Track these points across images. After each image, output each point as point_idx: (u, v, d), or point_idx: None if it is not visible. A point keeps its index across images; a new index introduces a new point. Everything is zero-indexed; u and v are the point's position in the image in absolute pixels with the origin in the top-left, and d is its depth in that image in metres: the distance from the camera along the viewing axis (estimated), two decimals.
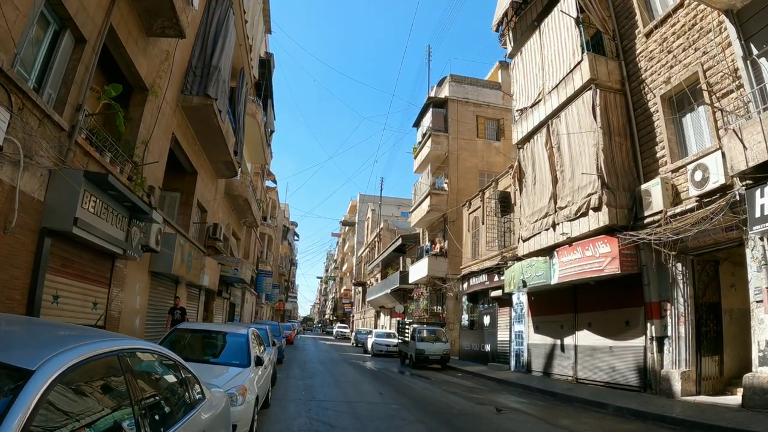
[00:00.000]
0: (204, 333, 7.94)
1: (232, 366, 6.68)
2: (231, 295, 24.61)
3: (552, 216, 15.20)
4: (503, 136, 31.65)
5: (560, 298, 16.26)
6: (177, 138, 14.55)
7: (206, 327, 8.23)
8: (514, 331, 19.12)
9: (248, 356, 7.01)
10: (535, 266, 16.08)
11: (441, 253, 27.65)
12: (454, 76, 32.73)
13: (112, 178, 8.52)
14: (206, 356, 7.33)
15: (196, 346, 7.66)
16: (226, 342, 7.73)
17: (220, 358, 7.24)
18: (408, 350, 22.30)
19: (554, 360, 16.49)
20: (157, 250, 12.05)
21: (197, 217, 18.29)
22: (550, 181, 15.54)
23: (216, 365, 6.71)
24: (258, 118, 24.58)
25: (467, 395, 13.09)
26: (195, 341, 7.73)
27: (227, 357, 7.22)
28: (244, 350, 7.16)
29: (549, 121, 15.99)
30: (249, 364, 6.83)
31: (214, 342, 7.78)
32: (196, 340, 7.76)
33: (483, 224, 22.74)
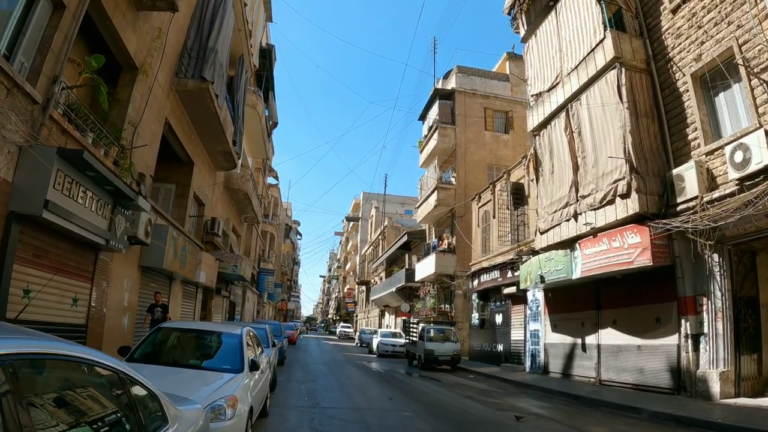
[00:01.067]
0: (191, 333, 6.88)
1: (222, 371, 5.67)
2: (231, 293, 23.61)
3: (573, 205, 14.14)
4: (512, 128, 30.65)
5: (581, 294, 15.20)
6: (171, 124, 13.59)
7: (194, 326, 7.16)
8: (529, 329, 18.06)
9: (241, 360, 6.00)
10: (555, 260, 15.02)
11: (449, 249, 26.59)
12: (461, 68, 31.70)
13: (89, 156, 7.51)
14: (193, 360, 6.31)
15: (182, 348, 6.64)
16: (216, 344, 6.70)
17: (209, 362, 6.23)
18: (416, 351, 21.24)
19: (574, 360, 15.44)
20: (147, 242, 11.06)
21: (194, 210, 17.31)
22: (571, 168, 14.48)
23: (204, 371, 5.71)
24: (258, 110, 23.60)
25: (484, 400, 12.06)
26: (180, 343, 6.70)
27: (217, 361, 6.21)
28: (237, 353, 6.14)
29: (568, 104, 14.94)
30: (242, 369, 5.81)
31: (203, 344, 6.75)
32: (182, 341, 6.73)
33: (494, 218, 21.68)
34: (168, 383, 5.38)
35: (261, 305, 40.11)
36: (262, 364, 7.05)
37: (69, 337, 9.11)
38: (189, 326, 7.11)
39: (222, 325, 7.59)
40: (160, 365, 5.77)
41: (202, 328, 7.06)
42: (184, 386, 5.21)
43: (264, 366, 7.32)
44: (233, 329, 6.80)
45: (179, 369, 5.65)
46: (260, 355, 7.55)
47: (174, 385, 5.28)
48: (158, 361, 5.93)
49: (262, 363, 7.14)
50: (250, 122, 23.80)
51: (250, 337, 7.26)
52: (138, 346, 6.21)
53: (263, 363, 7.26)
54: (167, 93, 13.03)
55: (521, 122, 30.79)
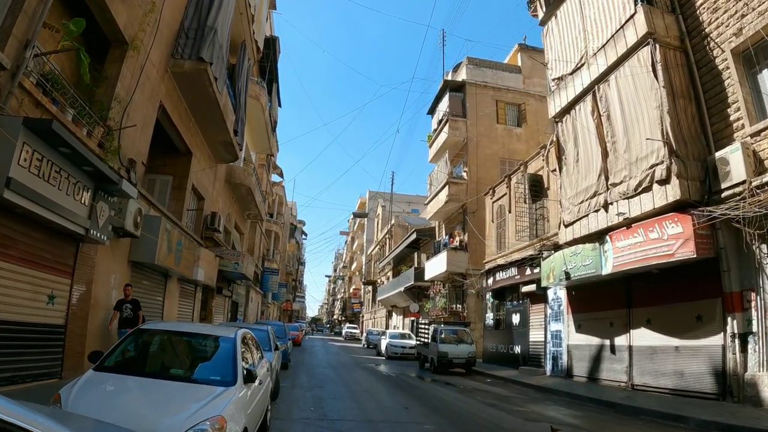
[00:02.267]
0: (175, 337, 5.71)
1: (210, 384, 4.58)
2: (233, 292, 22.55)
3: (603, 195, 13.00)
4: (525, 121, 29.52)
5: (609, 291, 14.04)
6: (166, 109, 12.60)
7: (179, 328, 5.99)
8: (550, 330, 16.90)
9: (234, 370, 4.89)
10: (582, 254, 13.86)
11: (461, 246, 25.43)
12: (472, 59, 30.57)
13: (60, 128, 6.45)
14: (175, 370, 5.18)
15: (163, 355, 5.53)
16: (205, 350, 5.57)
17: (195, 372, 5.12)
18: (428, 353, 20.09)
19: (602, 363, 14.28)
20: (137, 234, 10.00)
21: (193, 204, 16.28)
22: (599, 154, 13.34)
23: (187, 384, 4.60)
24: (262, 101, 22.57)
25: (508, 408, 10.93)
26: (162, 349, 5.59)
27: (205, 371, 5.12)
28: (229, 361, 5.02)
29: (595, 86, 13.82)
30: (235, 381, 4.70)
31: (189, 350, 5.60)
32: (164, 346, 5.61)
33: (510, 213, 20.52)
34: (140, 400, 4.25)
35: (265, 305, 39.02)
36: (261, 373, 5.94)
37: (44, 339, 8.08)
38: (173, 328, 5.95)
39: (213, 327, 6.44)
40: (135, 376, 4.70)
41: (188, 330, 5.89)
42: (159, 404, 4.13)
43: (263, 375, 6.22)
44: (226, 332, 5.67)
45: (157, 381, 4.58)
46: (259, 362, 6.44)
47: (147, 402, 4.19)
48: (133, 371, 4.86)
49: (261, 371, 6.03)
50: (253, 114, 22.80)
51: (247, 341, 6.14)
52: (109, 353, 5.13)
53: (262, 371, 6.15)
54: (162, 75, 12.04)
55: (534, 115, 29.79)
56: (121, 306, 9.73)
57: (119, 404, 4.01)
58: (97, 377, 4.61)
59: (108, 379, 4.59)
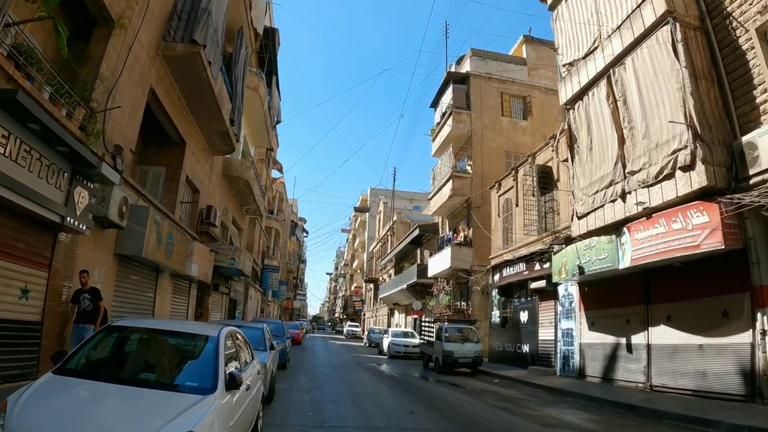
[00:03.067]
0: (149, 336, 4.95)
1: (185, 392, 3.85)
2: (231, 290, 21.83)
3: (620, 183, 12.26)
4: (531, 114, 28.76)
5: (626, 286, 13.30)
6: (157, 95, 11.90)
7: (154, 325, 5.22)
8: (560, 328, 16.16)
9: (214, 374, 4.15)
10: (597, 248, 13.11)
11: (465, 242, 24.68)
12: (476, 51, 29.80)
13: (25, 98, 5.72)
14: (146, 374, 4.42)
15: (134, 357, 4.78)
16: (182, 351, 4.81)
17: (169, 378, 4.37)
18: (433, 352, 19.35)
19: (617, 363, 13.54)
20: (122, 225, 9.29)
21: (187, 196, 15.56)
22: (615, 141, 12.60)
23: (158, 391, 3.86)
24: (261, 93, 21.83)
25: (521, 411, 10.20)
26: (134, 349, 4.83)
27: (180, 376, 4.40)
28: (210, 365, 4.28)
29: (610, 70, 13.07)
30: (214, 387, 3.95)
31: (164, 351, 4.83)
32: (136, 347, 4.85)
33: (517, 206, 19.77)
34: (99, 412, 3.44)
35: (265, 303, 38.29)
36: (250, 377, 5.21)
37: (17, 336, 7.36)
38: (148, 326, 5.18)
39: (195, 325, 5.67)
40: (99, 381, 3.98)
41: (165, 328, 5.10)
42: (120, 417, 3.42)
43: (253, 379, 5.48)
44: (208, 330, 4.91)
45: (124, 389, 3.84)
46: (249, 364, 5.68)
47: (106, 415, 3.45)
48: (97, 376, 4.13)
49: (250, 375, 5.28)
50: (251, 106, 22.08)
51: (235, 341, 5.40)
52: (72, 354, 4.41)
53: (251, 375, 5.40)
54: (153, 58, 11.35)
55: (540, 108, 29.07)
56: (78, 296, 8.23)
57: (71, 417, 3.30)
58: (54, 382, 3.90)
59: (66, 384, 3.88)
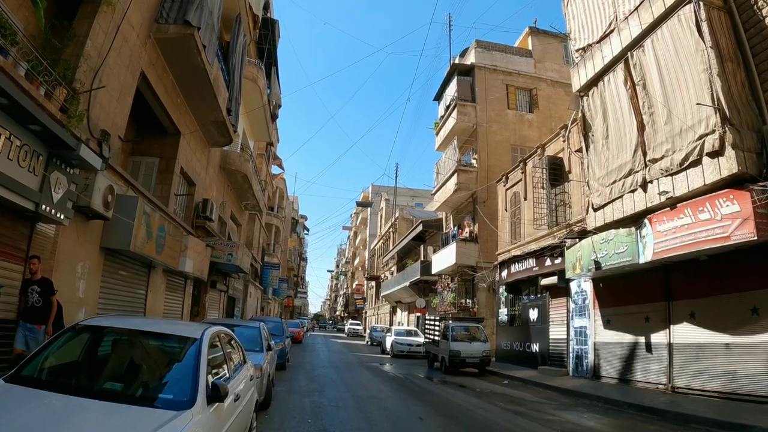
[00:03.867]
0: (121, 337, 4.19)
1: (156, 407, 3.14)
2: (229, 287, 21.12)
3: (640, 172, 11.53)
4: (537, 107, 28.04)
5: (645, 282, 12.58)
6: (149, 80, 11.18)
7: (127, 325, 4.43)
8: (573, 326, 15.44)
9: (193, 385, 3.40)
10: (615, 241, 12.37)
11: (471, 237, 23.94)
12: (481, 42, 29.05)
13: None
14: (111, 384, 3.65)
15: (100, 363, 4.04)
16: (158, 356, 4.09)
17: (139, 389, 3.61)
18: (439, 351, 18.62)
19: (636, 363, 12.82)
20: (107, 215, 8.57)
21: (182, 189, 14.85)
22: (635, 127, 11.87)
23: (123, 406, 3.12)
24: (260, 84, 21.08)
25: (538, 416, 9.49)
26: (101, 353, 4.08)
27: (153, 387, 3.65)
28: (188, 373, 3.54)
29: (628, 53, 12.33)
30: (192, 400, 3.23)
31: (137, 356, 4.08)
32: (105, 350, 4.09)
33: (525, 200, 19.03)
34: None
35: (265, 301, 37.57)
36: (239, 386, 4.48)
37: None
38: (121, 325, 4.45)
39: (175, 325, 4.86)
40: (53, 392, 3.27)
41: (140, 328, 4.34)
42: None
43: (244, 387, 4.75)
44: (190, 331, 4.14)
45: (83, 402, 3.13)
46: (239, 369, 4.94)
47: None
48: (53, 385, 3.43)
49: (239, 384, 4.54)
50: (250, 98, 21.36)
51: (224, 343, 4.65)
52: (30, 358, 3.70)
53: (241, 383, 4.65)
54: (144, 41, 10.64)
55: (546, 101, 28.36)
56: (26, 288, 6.61)
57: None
58: (2, 393, 3.20)
59: (14, 396, 3.18)
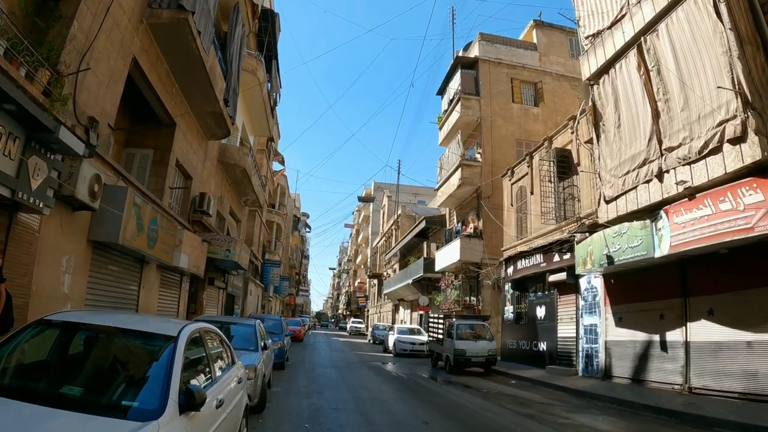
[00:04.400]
0: (88, 335, 3.61)
1: (119, 416, 2.64)
2: (228, 284, 20.62)
3: (656, 162, 11.00)
4: (542, 100, 27.51)
5: (659, 277, 12.06)
6: (142, 68, 10.69)
7: (96, 320, 3.86)
8: (582, 324, 14.91)
9: (163, 391, 2.89)
10: (628, 234, 11.84)
11: (475, 233, 23.41)
12: (485, 35, 28.53)
13: None
14: (67, 389, 3.09)
15: (61, 364, 3.50)
16: (127, 357, 3.53)
17: (101, 395, 3.05)
18: (443, 350, 18.11)
19: (650, 362, 12.30)
20: (93, 206, 8.07)
21: (178, 181, 14.37)
22: (649, 115, 11.34)
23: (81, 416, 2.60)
24: (259, 76, 20.58)
25: (551, 419, 8.98)
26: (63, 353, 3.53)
27: (118, 393, 3.11)
28: (159, 377, 3.02)
29: (641, 38, 11.80)
30: (161, 409, 2.72)
31: (103, 356, 3.54)
32: (68, 350, 3.55)
33: (532, 194, 18.51)
34: None
35: (266, 299, 37.07)
36: (224, 390, 3.97)
37: None
38: (89, 320, 3.88)
39: (151, 321, 4.22)
40: (5, 398, 2.77)
41: (111, 324, 3.75)
42: None
43: (230, 392, 4.21)
44: (166, 328, 3.63)
45: (37, 410, 2.63)
46: (225, 371, 4.42)
47: None
48: (7, 390, 2.92)
49: (224, 388, 4.01)
50: (250, 91, 20.89)
51: (207, 343, 4.12)
52: None
53: (227, 387, 4.12)
54: (136, 26, 10.13)
55: (552, 95, 27.85)
56: None
57: None
58: None
59: None
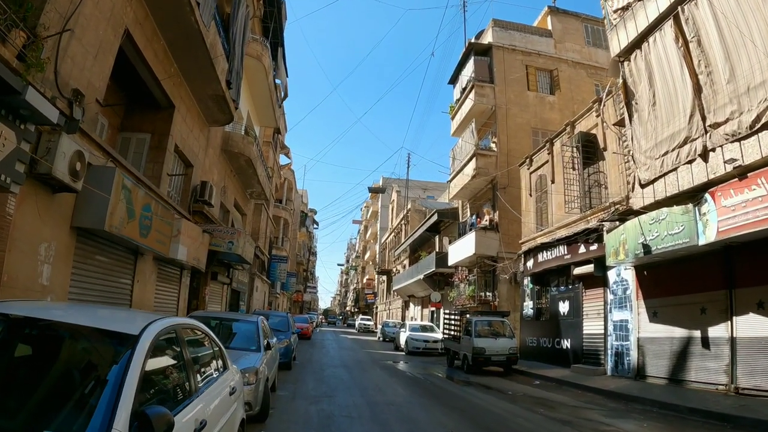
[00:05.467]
0: (26, 332, 2.68)
1: None
2: (233, 280, 19.74)
3: (699, 139, 9.96)
4: (558, 88, 26.44)
5: (699, 267, 11.01)
6: (136, 42, 9.74)
7: (32, 313, 2.90)
8: (611, 320, 13.89)
9: (104, 419, 1.96)
10: (667, 220, 10.79)
11: (491, 226, 22.38)
12: (498, 21, 27.46)
13: None
14: None
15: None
16: (65, 366, 2.55)
17: (25, 425, 2.11)
18: (460, 348, 17.13)
19: (689, 360, 11.27)
20: (75, 187, 7.11)
21: (177, 168, 13.48)
22: (689, 89, 10.29)
23: None
24: (265, 63, 19.62)
25: (592, 426, 8.03)
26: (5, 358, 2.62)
27: (45, 421, 2.11)
28: (104, 399, 2.06)
29: (678, 8, 10.75)
30: None
31: (33, 364, 2.56)
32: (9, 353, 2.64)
33: (553, 183, 17.47)
34: None
35: (273, 296, 36.18)
36: (209, 407, 3.03)
37: None
38: (16, 311, 2.88)
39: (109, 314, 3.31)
40: None
41: (46, 318, 2.77)
42: None
43: (217, 408, 3.26)
44: (126, 324, 2.67)
45: None
46: (211, 382, 3.43)
47: None
48: None
49: (208, 404, 3.07)
50: (255, 78, 20.01)
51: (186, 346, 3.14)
52: None
53: (211, 404, 3.15)
54: None
55: (568, 83, 26.82)
56: None
57: None
58: None
59: None
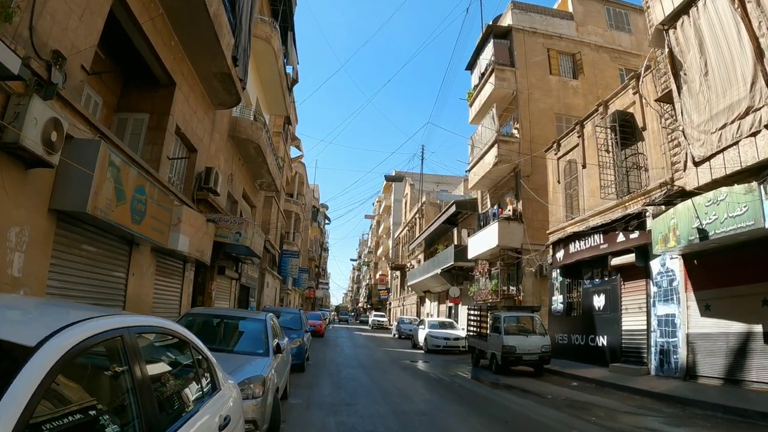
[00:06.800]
0: None
1: None
2: (242, 274, 18.71)
3: (764, 108, 8.68)
4: (582, 73, 25.14)
5: (759, 255, 9.71)
6: (131, 9, 8.69)
7: None
8: (655, 314, 12.64)
9: None
10: (727, 201, 9.50)
11: (514, 216, 21.14)
12: (517, 3, 26.15)
13: None
14: None
15: None
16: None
17: None
18: (487, 347, 15.91)
19: (749, 358, 10.01)
20: (50, 160, 6.03)
21: (179, 152, 12.44)
22: (749, 54, 8.99)
23: None
24: (274, 45, 18.53)
25: None
26: None
27: None
28: None
29: None
30: None
31: None
32: None
33: (584, 168, 16.20)
34: None
35: (285, 292, 35.17)
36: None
37: None
38: None
39: (20, 309, 2.24)
40: None
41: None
42: None
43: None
44: (21, 327, 1.65)
45: None
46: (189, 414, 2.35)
47: None
48: None
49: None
50: (263, 60, 18.96)
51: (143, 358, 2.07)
52: None
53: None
54: None
55: (591, 67, 25.53)
56: None
57: None
58: None
59: None
